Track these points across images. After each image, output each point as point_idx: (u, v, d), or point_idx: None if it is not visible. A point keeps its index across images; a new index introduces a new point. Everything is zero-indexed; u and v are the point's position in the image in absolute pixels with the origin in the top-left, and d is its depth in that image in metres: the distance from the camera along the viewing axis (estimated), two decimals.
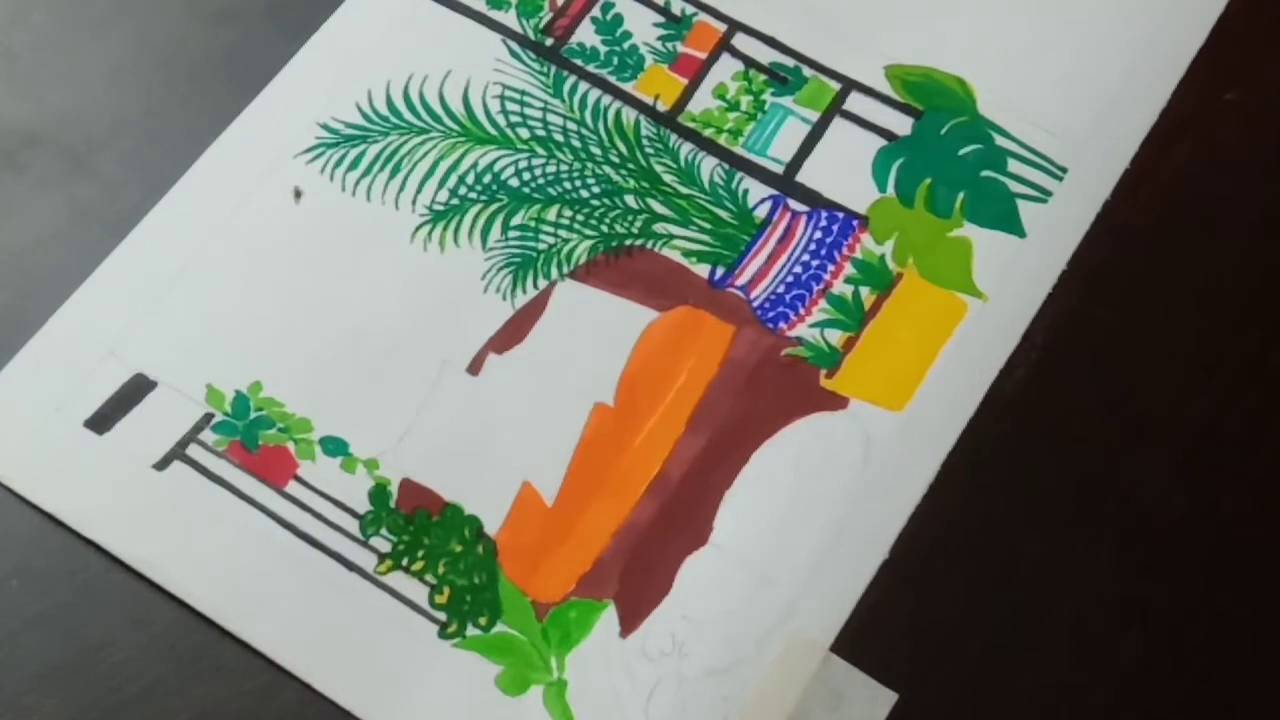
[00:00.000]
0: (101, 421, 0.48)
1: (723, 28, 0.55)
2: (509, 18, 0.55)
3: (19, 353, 0.49)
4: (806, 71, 0.54)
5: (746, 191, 0.52)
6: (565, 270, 0.51)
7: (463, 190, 0.52)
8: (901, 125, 0.53)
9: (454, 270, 0.51)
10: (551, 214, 0.52)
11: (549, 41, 0.55)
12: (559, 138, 0.53)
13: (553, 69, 0.54)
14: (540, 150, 0.53)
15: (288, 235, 0.51)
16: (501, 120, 0.53)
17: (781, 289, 0.51)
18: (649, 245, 0.51)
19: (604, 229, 0.51)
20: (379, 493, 0.47)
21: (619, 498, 0.47)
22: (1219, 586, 0.45)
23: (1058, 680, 0.38)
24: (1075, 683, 0.38)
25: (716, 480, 0.47)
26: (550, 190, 0.52)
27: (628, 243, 0.51)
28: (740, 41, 0.55)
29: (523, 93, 0.54)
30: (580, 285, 0.51)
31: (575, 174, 0.52)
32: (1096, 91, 0.54)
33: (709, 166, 0.53)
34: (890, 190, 0.52)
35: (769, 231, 0.52)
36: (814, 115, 0.54)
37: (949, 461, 0.47)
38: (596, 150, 0.53)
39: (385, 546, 0.46)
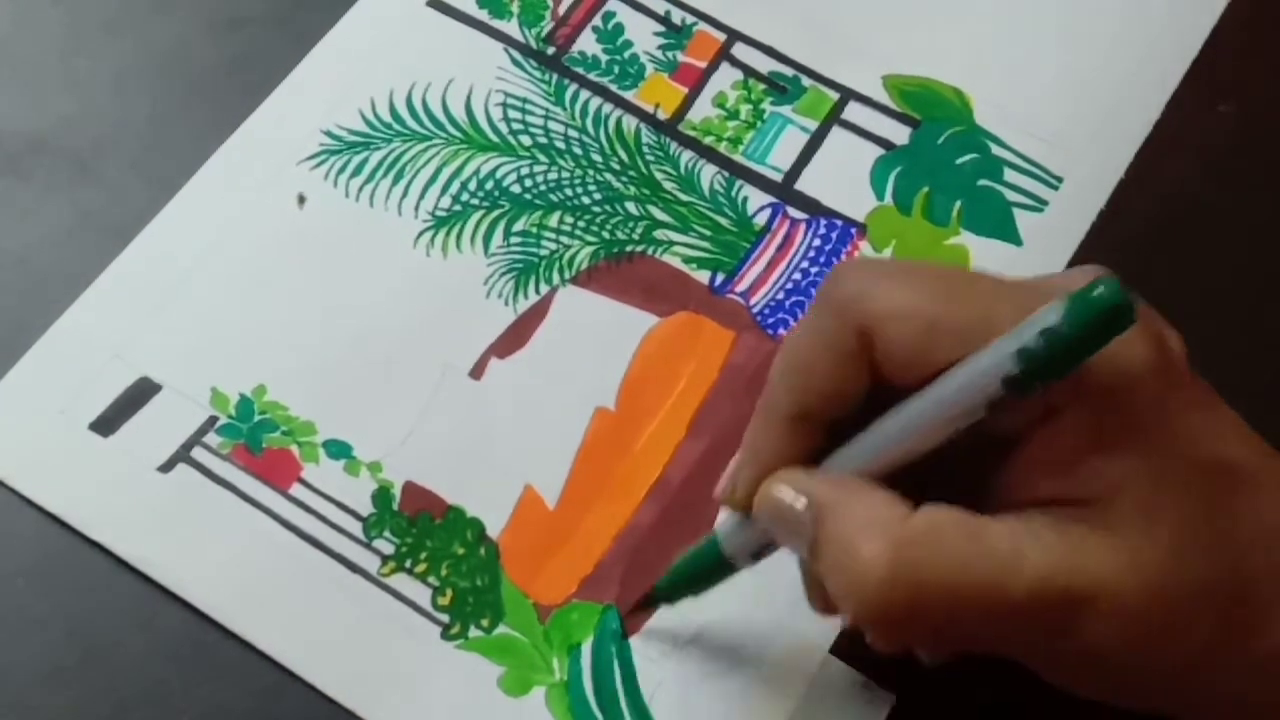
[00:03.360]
0: (106, 424, 0.48)
1: (722, 37, 0.56)
2: (511, 27, 0.56)
3: (24, 356, 0.49)
4: (805, 81, 0.55)
5: (746, 199, 0.53)
6: (566, 276, 0.51)
7: (465, 196, 0.53)
8: (899, 134, 0.54)
9: (456, 275, 0.51)
10: (553, 220, 0.52)
11: (550, 50, 0.55)
12: (560, 145, 0.54)
13: (554, 77, 0.55)
14: (542, 157, 0.53)
15: (291, 241, 0.52)
16: (503, 127, 0.54)
17: (781, 295, 0.51)
18: (649, 251, 0.52)
19: (605, 235, 0.52)
20: (382, 495, 0.48)
21: (620, 501, 0.48)
22: None
23: None
24: None
25: (717, 484, 0.48)
26: (552, 197, 0.53)
27: (629, 249, 0.52)
28: (739, 51, 0.56)
29: (524, 100, 0.54)
30: (581, 291, 0.51)
31: (576, 181, 0.53)
32: (1092, 102, 0.54)
33: (709, 174, 0.53)
34: (888, 198, 0.53)
35: (768, 238, 0.52)
36: (813, 124, 0.54)
37: None
38: (598, 157, 0.53)
39: (388, 549, 0.47)
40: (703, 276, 0.51)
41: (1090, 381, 0.35)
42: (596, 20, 0.56)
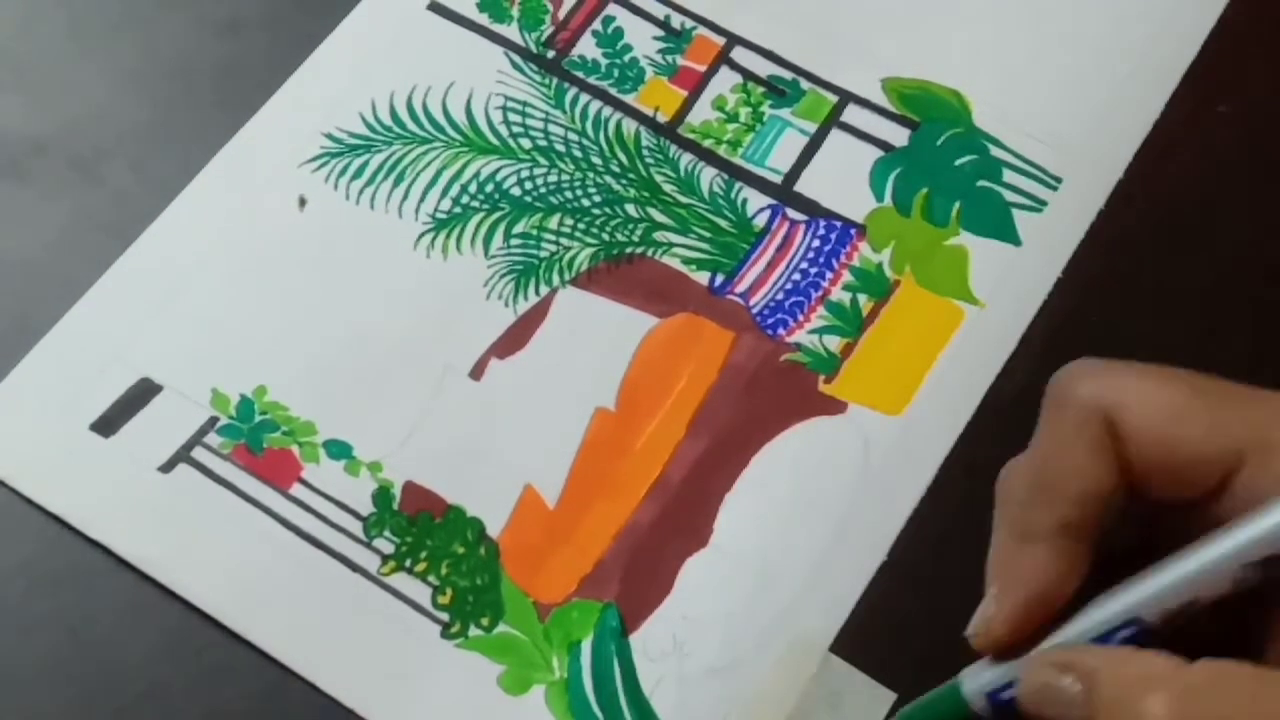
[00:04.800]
0: (107, 424, 0.48)
1: (721, 41, 0.56)
2: (511, 30, 0.56)
3: (26, 357, 0.49)
4: (804, 84, 0.55)
5: (745, 201, 0.53)
6: (566, 277, 0.51)
7: (465, 199, 0.53)
8: (898, 136, 0.54)
9: (456, 277, 0.51)
10: (553, 222, 0.52)
11: (550, 54, 0.56)
12: (560, 148, 0.54)
13: (554, 81, 0.55)
14: (542, 160, 0.54)
15: (292, 242, 0.52)
16: (504, 130, 0.54)
17: (780, 296, 0.51)
18: (649, 253, 0.52)
19: (605, 237, 0.52)
20: (382, 495, 0.48)
21: (620, 500, 0.48)
22: None
23: None
24: None
25: (717, 483, 0.48)
26: (552, 199, 0.53)
27: (628, 250, 0.52)
28: (739, 54, 0.56)
29: (524, 104, 0.55)
30: (581, 292, 0.51)
31: (576, 183, 0.53)
32: (1091, 103, 0.54)
33: (708, 176, 0.53)
34: (887, 200, 0.53)
35: (768, 240, 0.52)
36: (812, 127, 0.54)
37: (947, 464, 0.48)
38: (597, 160, 0.53)
39: (388, 548, 0.47)
40: (702, 278, 0.51)
41: None
42: (596, 24, 0.56)
